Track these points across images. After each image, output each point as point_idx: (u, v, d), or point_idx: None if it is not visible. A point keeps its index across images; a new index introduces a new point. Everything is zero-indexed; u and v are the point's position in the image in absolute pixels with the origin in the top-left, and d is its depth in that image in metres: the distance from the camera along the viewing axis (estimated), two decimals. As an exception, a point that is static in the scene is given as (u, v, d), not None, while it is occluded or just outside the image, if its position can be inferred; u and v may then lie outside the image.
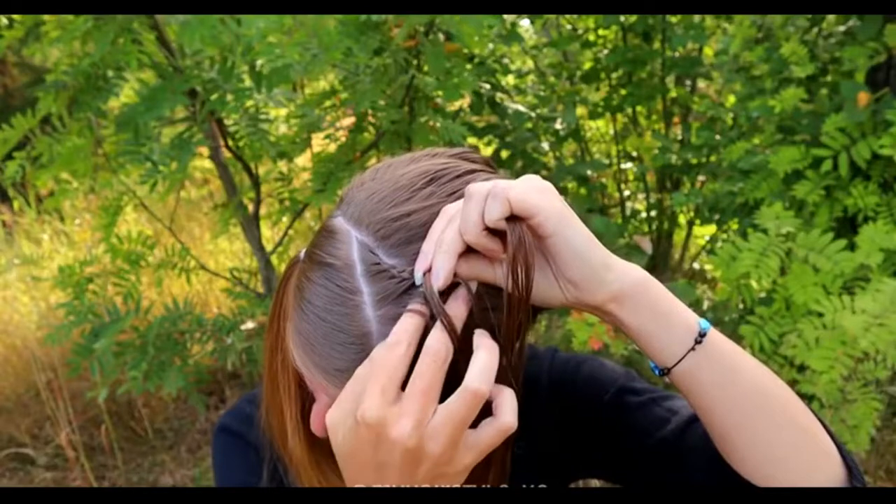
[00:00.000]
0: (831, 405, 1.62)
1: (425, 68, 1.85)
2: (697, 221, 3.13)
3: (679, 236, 3.44)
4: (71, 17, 1.75)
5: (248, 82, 1.74)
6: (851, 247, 1.62)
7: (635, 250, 2.38)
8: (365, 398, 0.50)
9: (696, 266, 3.48)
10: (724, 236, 2.60)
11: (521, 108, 2.69)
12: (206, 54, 1.79)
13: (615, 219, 3.24)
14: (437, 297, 0.51)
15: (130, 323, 1.86)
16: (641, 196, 3.43)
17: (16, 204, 4.50)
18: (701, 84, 3.35)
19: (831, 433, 0.60)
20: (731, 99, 3.00)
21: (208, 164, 2.75)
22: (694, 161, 2.74)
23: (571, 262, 0.53)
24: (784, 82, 2.22)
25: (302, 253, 0.61)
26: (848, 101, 1.88)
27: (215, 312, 2.74)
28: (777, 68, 2.22)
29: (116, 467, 2.78)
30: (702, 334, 0.56)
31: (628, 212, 3.40)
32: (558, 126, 2.90)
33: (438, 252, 0.52)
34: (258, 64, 1.66)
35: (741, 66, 2.60)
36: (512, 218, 0.51)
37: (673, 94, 3.09)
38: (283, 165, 2.22)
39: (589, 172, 2.90)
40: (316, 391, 0.62)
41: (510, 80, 3.22)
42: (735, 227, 2.39)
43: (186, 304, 1.99)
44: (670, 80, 3.16)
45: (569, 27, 3.25)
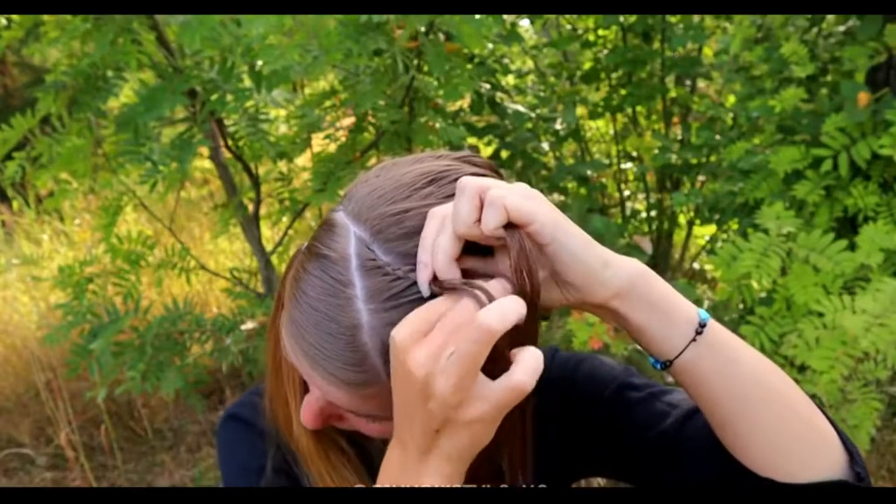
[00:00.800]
0: (831, 405, 1.62)
1: (425, 68, 1.85)
2: (697, 221, 3.13)
3: (679, 236, 3.44)
4: (70, 18, 1.75)
5: (248, 83, 1.74)
6: (852, 247, 1.62)
7: (635, 250, 2.37)
8: (404, 321, 0.51)
9: (696, 266, 3.48)
10: (724, 236, 2.60)
11: (521, 108, 2.68)
12: (205, 54, 1.79)
13: (615, 219, 3.24)
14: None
15: (130, 323, 1.86)
16: (641, 196, 3.43)
17: (15, 204, 4.50)
18: (701, 84, 3.34)
19: (832, 421, 0.60)
20: (731, 99, 3.00)
21: (208, 164, 2.75)
22: (694, 161, 2.73)
23: (570, 266, 0.54)
24: (784, 82, 2.22)
25: (304, 246, 0.62)
26: (848, 101, 1.88)
27: (215, 312, 2.74)
28: (777, 68, 2.22)
29: (116, 467, 2.78)
30: (702, 325, 0.56)
31: (628, 212, 3.40)
32: (558, 126, 2.90)
33: (438, 261, 0.52)
34: (258, 64, 1.66)
35: (741, 66, 2.60)
36: (509, 225, 0.51)
37: (673, 94, 3.09)
38: (283, 165, 2.22)
39: (589, 172, 2.90)
40: (308, 382, 0.62)
41: (510, 80, 3.21)
42: (735, 227, 2.39)
43: (186, 304, 1.99)
44: (670, 80, 3.16)
45: (569, 27, 3.25)
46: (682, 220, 3.35)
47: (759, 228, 1.69)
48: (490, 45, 2.74)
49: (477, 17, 1.61)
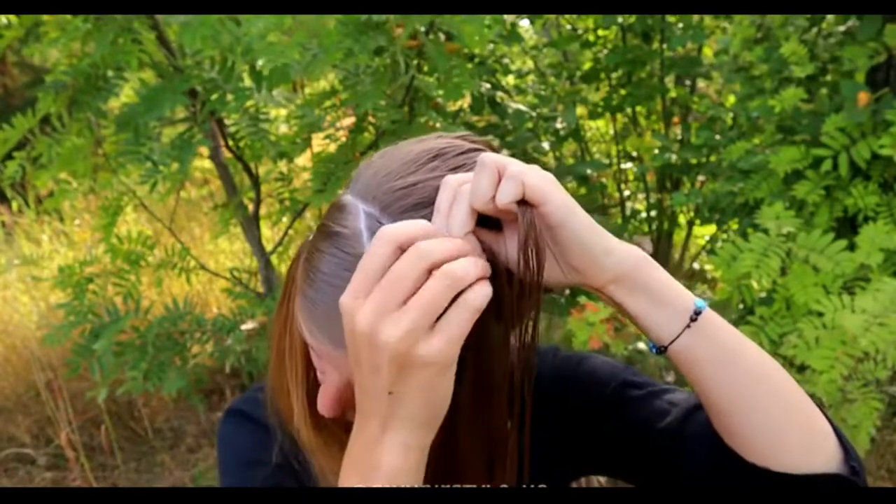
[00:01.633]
0: (831, 405, 1.62)
1: (425, 68, 1.85)
2: (697, 221, 3.13)
3: (679, 236, 3.44)
4: (70, 18, 1.75)
5: (249, 82, 1.74)
6: (851, 247, 1.62)
7: (635, 250, 2.37)
8: (365, 305, 0.50)
9: (696, 266, 3.48)
10: (724, 236, 2.60)
11: (522, 107, 2.69)
12: (206, 54, 1.79)
13: (615, 219, 3.24)
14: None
15: (130, 323, 1.86)
16: (641, 196, 3.43)
17: (15, 204, 4.50)
18: (701, 84, 3.35)
19: (827, 416, 0.61)
20: (731, 99, 3.00)
21: (208, 164, 2.75)
22: (694, 161, 2.74)
23: (575, 250, 0.55)
24: (784, 82, 2.22)
25: (310, 235, 0.63)
26: (848, 101, 1.88)
27: (215, 312, 2.74)
28: (777, 68, 2.22)
29: (116, 467, 2.78)
30: (697, 312, 0.57)
31: (628, 212, 3.40)
32: (558, 126, 2.90)
33: (451, 230, 0.53)
34: (258, 64, 1.66)
35: (741, 66, 2.60)
36: (522, 202, 0.52)
37: (672, 94, 3.09)
38: (283, 165, 2.23)
39: (589, 172, 2.90)
40: (324, 368, 0.63)
41: (510, 80, 3.22)
42: (735, 227, 2.39)
43: (186, 304, 1.99)
44: (670, 80, 3.16)
45: (569, 27, 3.25)
46: (682, 220, 3.35)
47: (758, 228, 1.69)
48: (490, 45, 2.75)
49: (477, 16, 1.61)
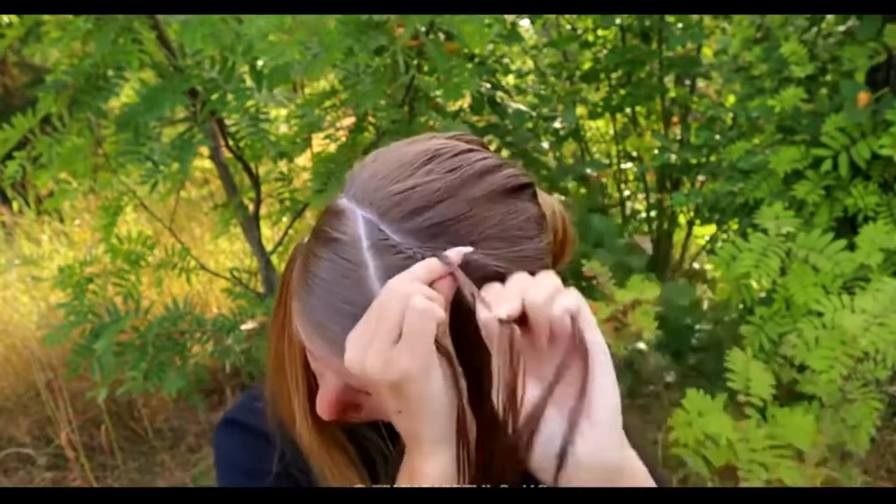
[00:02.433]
0: (831, 405, 1.62)
1: (425, 68, 1.85)
2: (697, 221, 3.13)
3: (679, 236, 3.44)
4: (71, 18, 1.75)
5: (249, 82, 1.74)
6: (851, 247, 1.62)
7: (635, 250, 2.38)
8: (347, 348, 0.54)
9: (696, 266, 3.48)
10: (724, 236, 2.60)
11: (522, 107, 2.69)
12: (206, 54, 1.79)
13: (615, 219, 3.24)
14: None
15: (130, 323, 1.86)
16: (641, 196, 3.43)
17: (15, 204, 4.50)
18: (700, 84, 3.35)
19: None
20: (731, 99, 3.00)
21: (208, 164, 2.75)
22: (694, 161, 2.74)
23: (600, 402, 0.53)
24: (784, 82, 2.22)
25: (305, 239, 0.63)
26: (848, 101, 1.88)
27: (215, 312, 2.74)
28: (776, 68, 2.22)
29: (116, 467, 2.78)
30: None
31: (628, 212, 3.40)
32: (558, 126, 2.90)
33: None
34: (259, 63, 1.66)
35: (740, 65, 2.60)
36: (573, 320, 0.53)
37: (672, 94, 3.09)
38: (283, 165, 2.22)
39: (589, 172, 2.91)
40: (322, 372, 0.63)
41: (510, 79, 3.22)
42: (735, 227, 2.39)
43: (186, 304, 1.99)
44: (669, 80, 3.16)
45: (569, 27, 3.25)
46: (682, 220, 3.35)
47: (758, 228, 1.69)
48: (490, 45, 2.75)
49: (477, 16, 1.61)
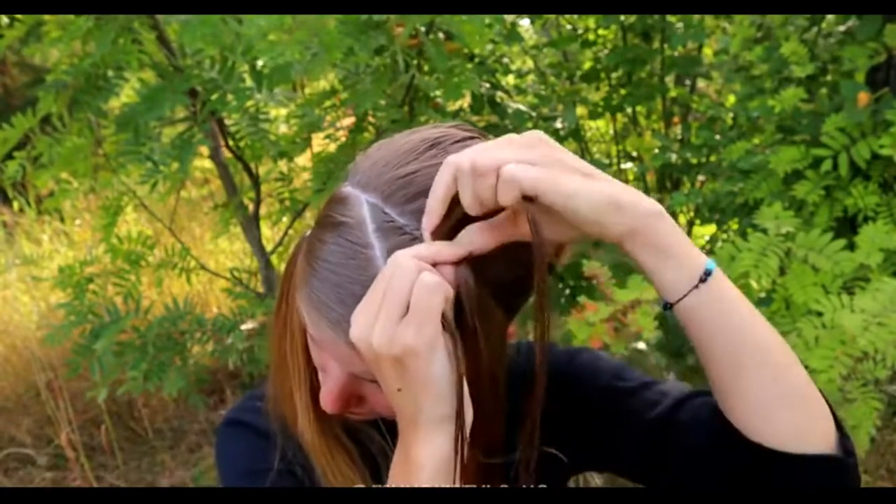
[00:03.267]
0: (831, 405, 1.62)
1: (426, 68, 1.85)
2: (697, 221, 3.13)
3: (679, 236, 3.44)
4: (72, 17, 1.75)
5: (249, 82, 1.74)
6: (851, 247, 1.62)
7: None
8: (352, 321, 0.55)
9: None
10: (724, 236, 2.60)
11: (522, 107, 2.69)
12: (206, 54, 1.79)
13: (615, 219, 3.23)
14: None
15: (130, 323, 1.86)
16: (641, 196, 3.43)
17: (16, 204, 4.50)
18: (701, 84, 3.35)
19: (824, 396, 0.61)
20: (731, 99, 3.00)
21: (208, 163, 2.75)
22: (694, 161, 2.73)
23: (584, 220, 0.55)
24: (784, 82, 2.22)
25: (307, 232, 0.64)
26: (848, 101, 1.88)
27: (215, 312, 2.74)
28: (777, 68, 2.22)
29: (116, 467, 2.78)
30: (707, 273, 0.57)
31: (628, 212, 3.39)
32: (558, 126, 2.90)
33: (431, 198, 0.55)
34: (259, 63, 1.66)
35: (741, 65, 2.60)
36: (524, 198, 0.53)
37: (673, 94, 3.09)
38: (283, 165, 2.22)
39: (589, 172, 2.90)
40: (324, 364, 0.62)
41: (510, 79, 3.22)
42: (735, 227, 2.39)
43: (186, 304, 1.99)
44: (670, 80, 3.16)
45: (569, 27, 3.25)
46: (682, 220, 3.34)
47: (758, 228, 1.69)
48: (490, 45, 2.75)
49: (477, 16, 1.61)
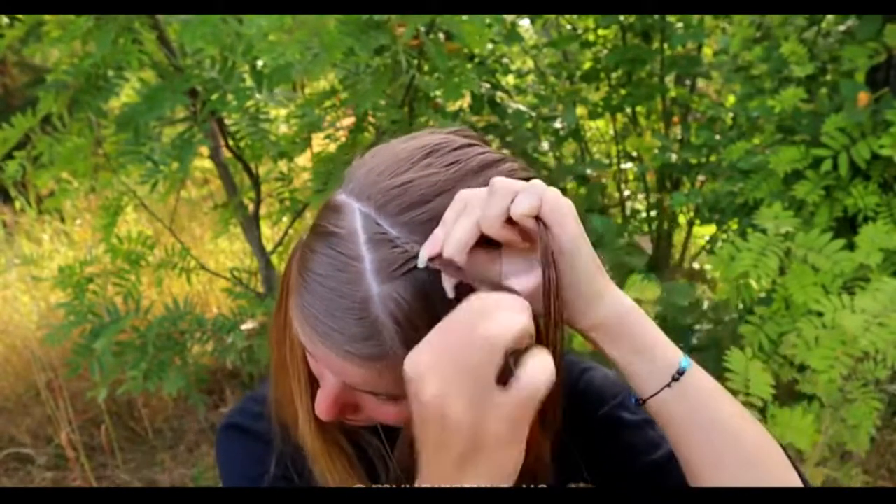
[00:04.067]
0: (831, 405, 1.62)
1: (426, 68, 1.85)
2: (697, 221, 3.13)
3: (679, 236, 3.44)
4: (72, 17, 1.75)
5: (249, 82, 1.74)
6: (851, 247, 1.62)
7: (635, 250, 2.38)
8: (415, 350, 0.51)
9: (696, 266, 3.48)
10: (724, 236, 2.60)
11: (522, 107, 2.69)
12: (206, 53, 1.79)
13: (615, 219, 3.24)
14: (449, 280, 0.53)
15: (130, 323, 1.86)
16: (641, 196, 3.43)
17: (17, 203, 4.50)
18: (701, 84, 3.35)
19: (804, 480, 0.60)
20: (731, 99, 3.00)
21: (208, 163, 2.75)
22: (694, 161, 2.74)
23: (569, 285, 0.54)
24: (783, 82, 2.22)
25: (304, 236, 0.62)
26: (848, 100, 1.88)
27: (215, 312, 2.74)
28: (776, 68, 2.22)
29: (116, 467, 2.78)
30: (680, 372, 0.57)
31: (628, 212, 3.40)
32: (558, 126, 2.90)
33: (449, 246, 0.52)
34: (259, 63, 1.66)
35: (740, 65, 2.60)
36: (537, 219, 0.52)
37: (672, 94, 3.09)
38: (283, 165, 2.22)
39: (589, 172, 2.91)
40: (320, 371, 0.62)
41: (510, 80, 3.22)
42: (735, 227, 2.39)
43: (186, 304, 1.99)
44: (670, 80, 3.16)
45: (569, 27, 3.25)
46: (682, 220, 3.35)
47: (757, 228, 1.69)
48: (490, 45, 2.75)
49: (478, 16, 1.61)
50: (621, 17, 2.87)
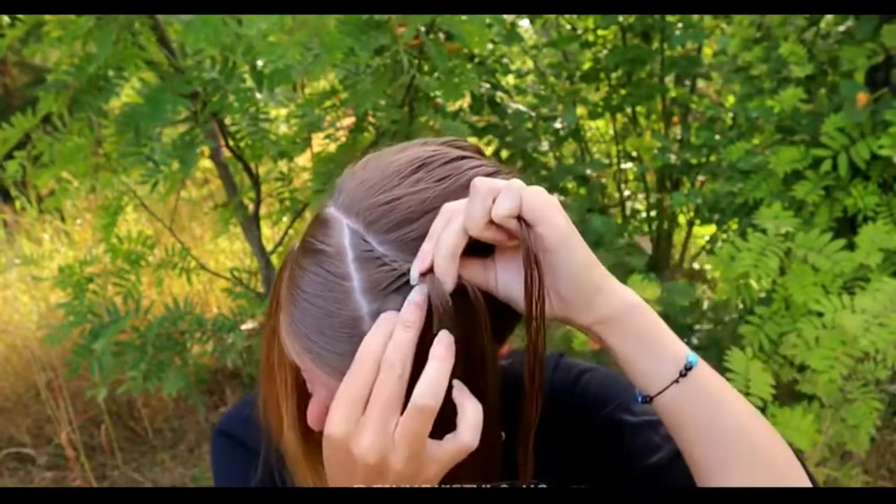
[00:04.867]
0: (831, 405, 1.62)
1: (426, 68, 1.85)
2: (697, 221, 3.14)
3: (679, 236, 3.45)
4: (72, 17, 1.75)
5: (250, 82, 1.74)
6: (851, 247, 1.62)
7: (635, 250, 2.38)
8: (332, 413, 0.53)
9: (696, 266, 3.48)
10: (724, 236, 2.60)
11: (522, 107, 2.69)
12: (207, 54, 1.79)
13: (615, 219, 3.24)
14: (443, 299, 0.52)
15: (130, 323, 1.86)
16: (641, 196, 3.43)
17: (18, 203, 4.50)
18: (700, 84, 3.35)
19: (812, 478, 0.59)
20: (731, 99, 3.00)
21: (209, 163, 2.75)
22: (694, 161, 2.74)
23: (565, 281, 0.54)
24: (783, 82, 2.22)
25: (296, 245, 0.62)
26: (847, 101, 1.89)
27: (215, 312, 2.74)
28: (776, 68, 2.22)
29: (116, 467, 2.78)
30: (688, 367, 0.56)
31: (628, 212, 3.40)
32: (558, 126, 2.91)
33: (439, 255, 0.52)
34: (259, 64, 1.66)
35: (740, 65, 2.61)
36: (519, 219, 0.52)
37: (672, 94, 3.09)
38: (283, 165, 2.22)
39: (589, 172, 2.91)
40: (312, 383, 0.62)
41: (510, 80, 3.22)
42: (735, 227, 2.39)
43: (186, 304, 1.99)
44: (670, 80, 3.16)
45: (569, 27, 3.26)
46: (682, 220, 3.35)
47: (757, 228, 1.70)
48: (490, 45, 2.75)
49: (478, 16, 1.61)
50: (621, 18, 2.87)
